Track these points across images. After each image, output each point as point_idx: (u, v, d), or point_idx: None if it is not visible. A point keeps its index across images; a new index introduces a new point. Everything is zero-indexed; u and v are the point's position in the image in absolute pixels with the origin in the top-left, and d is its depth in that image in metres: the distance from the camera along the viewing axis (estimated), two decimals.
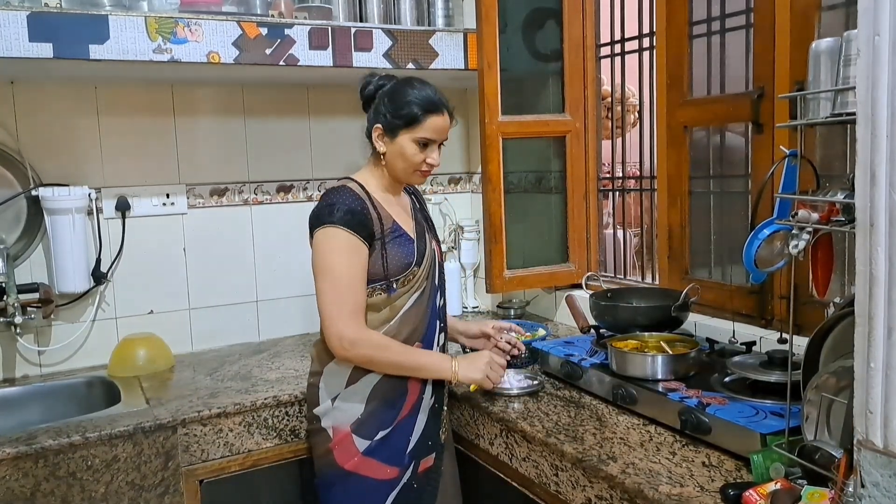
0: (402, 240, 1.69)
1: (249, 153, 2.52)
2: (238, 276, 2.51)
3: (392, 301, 1.67)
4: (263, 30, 2.09)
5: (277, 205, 2.57)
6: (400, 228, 1.69)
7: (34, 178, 2.19)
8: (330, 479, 1.68)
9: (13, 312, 2.07)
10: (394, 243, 1.67)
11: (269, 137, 2.53)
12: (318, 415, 1.69)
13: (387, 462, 1.65)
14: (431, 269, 1.75)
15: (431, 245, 1.77)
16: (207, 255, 2.45)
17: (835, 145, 1.49)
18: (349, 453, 1.65)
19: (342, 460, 1.65)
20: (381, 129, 1.69)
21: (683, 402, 1.51)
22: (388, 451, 1.66)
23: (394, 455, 1.66)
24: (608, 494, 1.40)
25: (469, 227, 2.84)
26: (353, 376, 1.66)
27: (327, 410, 1.67)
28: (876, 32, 0.92)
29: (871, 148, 0.93)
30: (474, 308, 2.90)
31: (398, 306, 1.67)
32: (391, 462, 1.66)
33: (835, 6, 1.53)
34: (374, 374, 1.65)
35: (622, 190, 2.55)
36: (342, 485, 1.66)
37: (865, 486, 0.97)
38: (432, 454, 1.74)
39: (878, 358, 0.94)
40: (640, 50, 2.35)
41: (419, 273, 1.70)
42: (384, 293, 1.66)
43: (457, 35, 2.41)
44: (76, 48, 1.86)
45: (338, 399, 1.67)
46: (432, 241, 1.79)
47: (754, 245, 1.35)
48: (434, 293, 1.75)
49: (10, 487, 1.61)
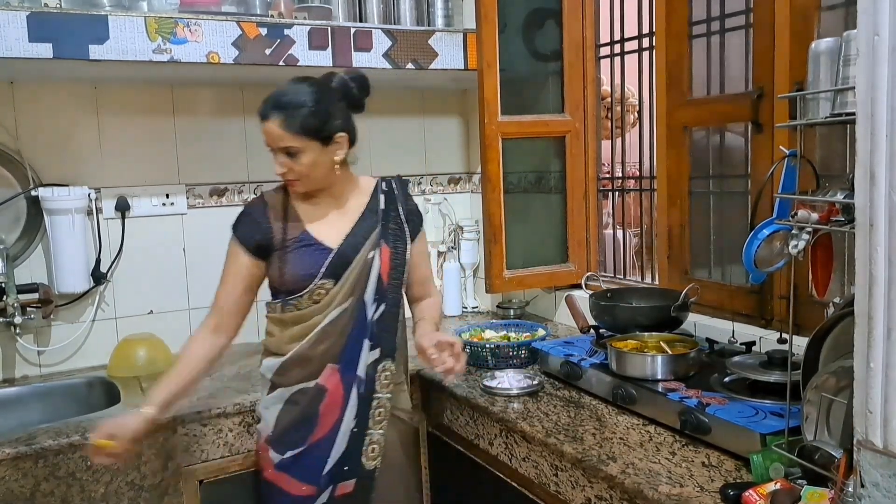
0: (310, 250, 1.61)
1: (249, 153, 2.52)
2: None
3: (305, 318, 1.61)
4: (263, 30, 2.09)
5: None
6: (309, 238, 1.62)
7: (34, 179, 2.19)
8: (258, 480, 1.69)
9: (13, 312, 2.07)
10: (295, 254, 1.61)
11: None
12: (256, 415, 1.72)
13: (301, 480, 1.60)
14: (361, 282, 1.62)
15: (371, 254, 1.63)
16: (207, 256, 2.45)
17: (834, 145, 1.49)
18: (267, 463, 1.65)
19: (262, 468, 1.66)
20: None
21: (683, 402, 1.51)
22: (302, 469, 1.60)
23: (309, 474, 1.60)
24: (608, 494, 1.40)
25: (469, 227, 2.84)
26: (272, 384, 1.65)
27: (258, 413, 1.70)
28: (875, 32, 0.92)
29: (871, 148, 0.93)
30: (474, 308, 2.90)
31: (313, 324, 1.60)
32: (306, 480, 1.60)
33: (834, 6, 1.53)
34: (291, 386, 1.62)
35: (622, 190, 2.55)
36: (263, 489, 1.67)
37: (865, 486, 0.97)
38: (352, 480, 1.62)
39: (878, 358, 0.94)
40: (640, 50, 2.35)
41: (334, 289, 1.60)
42: (293, 309, 1.62)
43: (456, 35, 2.41)
44: (76, 48, 1.86)
45: (260, 406, 1.68)
46: (377, 250, 1.64)
47: (754, 245, 1.35)
48: (364, 309, 1.62)
49: (9, 488, 1.61)
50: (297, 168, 1.57)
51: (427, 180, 2.88)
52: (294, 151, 1.55)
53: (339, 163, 1.62)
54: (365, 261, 1.63)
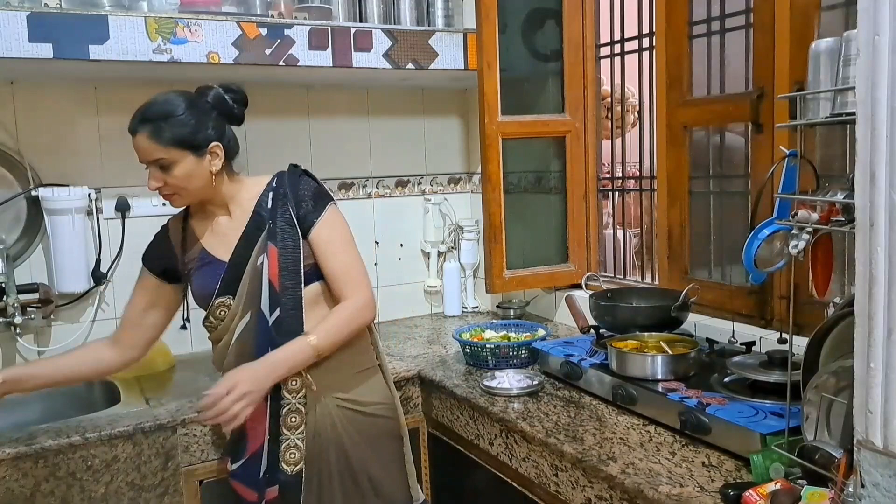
0: (209, 268, 1.60)
1: (249, 153, 2.51)
2: None
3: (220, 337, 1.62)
4: (263, 30, 2.09)
5: None
6: (207, 255, 1.61)
7: (34, 179, 2.19)
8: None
9: (13, 313, 2.07)
10: (196, 274, 1.62)
11: (268, 137, 2.53)
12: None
13: (248, 486, 1.63)
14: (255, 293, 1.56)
15: (259, 260, 1.56)
16: None
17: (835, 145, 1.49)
18: (226, 471, 1.69)
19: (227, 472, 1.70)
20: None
21: (683, 402, 1.51)
22: (246, 477, 1.63)
23: (251, 481, 1.62)
24: (608, 495, 1.40)
25: (469, 227, 2.84)
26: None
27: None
28: (876, 32, 0.92)
29: (871, 148, 0.93)
30: (474, 308, 2.90)
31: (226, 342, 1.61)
32: (251, 486, 1.62)
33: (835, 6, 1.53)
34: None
35: (622, 190, 2.55)
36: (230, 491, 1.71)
37: (865, 486, 0.97)
38: (275, 486, 1.59)
39: (878, 358, 0.94)
40: (640, 50, 2.35)
41: (234, 305, 1.58)
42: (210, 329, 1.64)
43: (456, 35, 2.41)
44: (76, 48, 1.86)
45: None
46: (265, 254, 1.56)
47: (754, 245, 1.35)
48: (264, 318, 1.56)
49: (9, 488, 1.61)
50: (171, 181, 1.53)
51: (427, 180, 2.88)
52: (166, 164, 1.51)
53: (215, 173, 1.57)
54: (255, 269, 1.57)
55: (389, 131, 2.77)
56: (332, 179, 2.66)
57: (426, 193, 2.88)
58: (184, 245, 1.65)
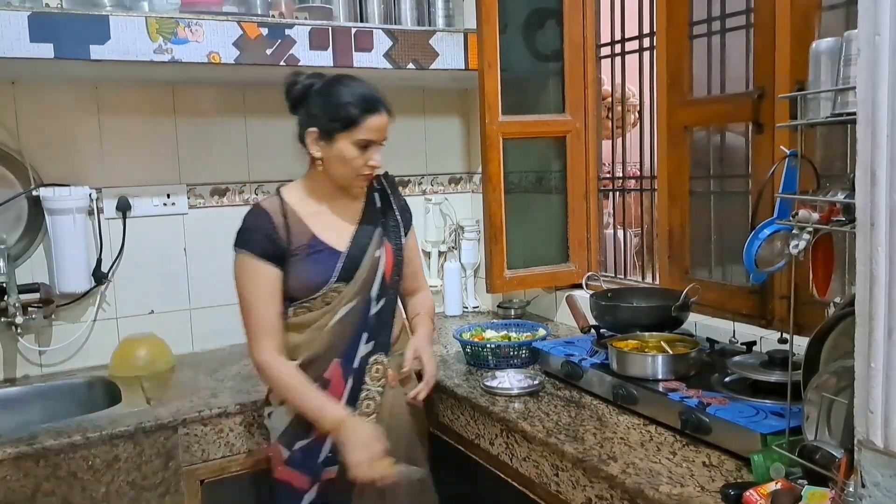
0: (321, 256, 1.62)
1: (250, 153, 2.52)
2: None
3: (315, 320, 1.63)
4: (264, 30, 2.09)
5: None
6: (320, 244, 1.62)
7: (35, 179, 2.19)
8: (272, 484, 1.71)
9: (14, 312, 2.07)
10: (307, 261, 1.61)
11: (269, 137, 2.53)
12: (267, 426, 1.73)
13: (303, 472, 1.64)
14: (368, 281, 1.66)
15: (377, 253, 1.67)
16: (208, 256, 2.45)
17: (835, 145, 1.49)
18: (278, 461, 1.67)
19: (274, 467, 1.68)
20: (317, 133, 1.59)
21: (684, 402, 1.51)
22: (304, 462, 1.64)
23: (309, 466, 1.64)
24: (608, 494, 1.40)
25: (469, 227, 2.84)
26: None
27: (268, 420, 1.71)
28: (876, 32, 0.92)
29: (872, 148, 0.93)
30: (475, 308, 2.90)
31: (323, 323, 1.63)
32: (306, 472, 1.64)
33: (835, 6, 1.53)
34: None
35: (622, 190, 2.55)
36: (275, 490, 1.69)
37: (866, 486, 0.97)
38: (335, 467, 1.64)
39: (879, 358, 0.94)
40: (641, 50, 2.35)
41: (346, 290, 1.63)
42: (305, 311, 1.63)
43: (457, 35, 2.41)
44: (77, 48, 1.86)
45: (273, 413, 1.69)
46: (382, 248, 1.68)
47: (755, 245, 1.35)
48: (368, 305, 1.66)
49: (10, 487, 1.61)
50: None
51: (428, 180, 2.88)
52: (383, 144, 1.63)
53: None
54: (372, 260, 1.66)
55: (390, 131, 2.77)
56: None
57: (427, 193, 2.88)
58: (288, 231, 1.61)
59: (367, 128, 1.57)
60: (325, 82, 1.61)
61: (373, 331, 1.67)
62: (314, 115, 1.59)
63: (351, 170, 1.61)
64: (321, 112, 1.58)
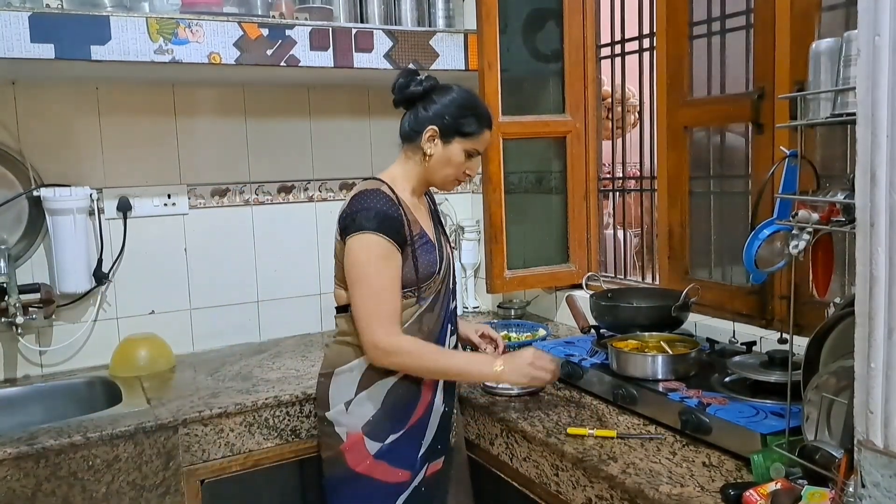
0: (428, 246, 1.65)
1: (250, 154, 2.52)
2: (239, 276, 2.51)
3: (416, 311, 1.64)
4: (264, 31, 2.09)
5: (278, 205, 2.57)
6: (425, 234, 1.66)
7: (35, 179, 2.19)
8: (339, 480, 1.65)
9: (14, 313, 2.07)
10: (422, 250, 1.63)
11: (270, 138, 2.53)
12: (330, 419, 1.65)
13: (398, 465, 1.63)
14: (447, 275, 1.72)
15: (446, 249, 1.74)
16: (208, 256, 2.46)
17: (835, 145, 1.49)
18: (361, 456, 1.62)
19: (353, 463, 1.63)
20: (437, 132, 1.62)
21: (684, 402, 1.51)
22: (399, 455, 1.63)
23: (405, 459, 1.63)
24: (608, 494, 1.40)
25: (469, 228, 2.84)
26: (364, 382, 1.62)
27: (340, 414, 1.64)
28: (876, 32, 0.92)
29: (872, 148, 0.93)
30: (475, 308, 2.90)
31: (413, 311, 1.64)
32: (402, 465, 1.63)
33: (835, 6, 1.53)
34: (389, 377, 1.62)
35: (622, 190, 2.55)
36: (351, 487, 1.64)
37: (866, 486, 0.97)
38: (441, 458, 1.71)
39: (879, 358, 0.94)
40: (641, 50, 2.35)
41: (439, 280, 1.67)
42: (414, 300, 1.63)
43: (457, 36, 2.41)
44: (78, 49, 1.86)
45: (352, 403, 1.63)
46: (447, 245, 1.76)
47: (754, 245, 1.35)
48: (448, 298, 1.72)
49: (11, 487, 1.62)
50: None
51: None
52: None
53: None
54: (447, 254, 1.74)
55: (390, 131, 2.75)
56: (332, 180, 2.66)
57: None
58: (407, 220, 1.62)
59: (482, 140, 1.67)
60: (459, 90, 1.66)
61: (454, 324, 1.76)
62: (439, 115, 1.62)
63: (452, 172, 1.67)
64: (451, 116, 1.62)
